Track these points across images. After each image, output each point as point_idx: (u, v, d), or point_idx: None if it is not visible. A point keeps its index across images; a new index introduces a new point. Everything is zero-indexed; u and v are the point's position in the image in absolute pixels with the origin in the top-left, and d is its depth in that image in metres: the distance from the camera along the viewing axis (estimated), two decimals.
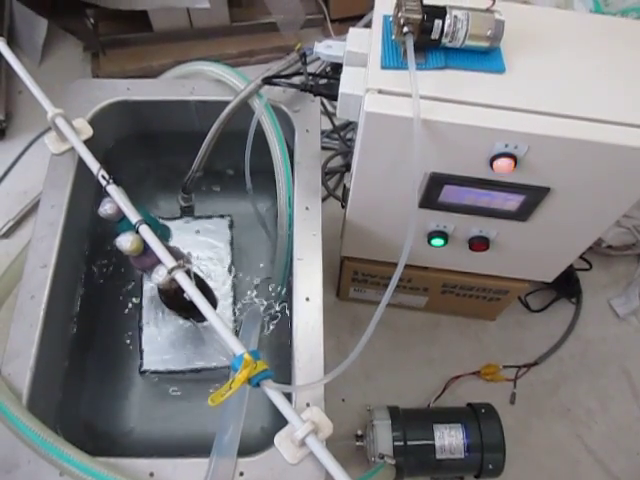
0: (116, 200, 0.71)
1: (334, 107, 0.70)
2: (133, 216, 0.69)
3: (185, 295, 0.66)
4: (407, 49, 0.59)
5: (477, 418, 0.91)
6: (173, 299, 0.74)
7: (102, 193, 0.74)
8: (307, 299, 0.72)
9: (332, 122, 1.17)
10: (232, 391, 0.58)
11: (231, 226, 0.99)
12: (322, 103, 0.91)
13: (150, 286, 0.92)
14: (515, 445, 0.94)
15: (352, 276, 1.02)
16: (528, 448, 1.02)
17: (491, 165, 0.63)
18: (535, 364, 1.09)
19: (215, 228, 0.99)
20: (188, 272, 0.67)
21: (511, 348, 1.11)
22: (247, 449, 0.64)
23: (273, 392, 0.60)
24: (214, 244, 0.97)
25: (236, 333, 0.83)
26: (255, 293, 0.96)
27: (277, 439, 0.62)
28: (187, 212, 1.01)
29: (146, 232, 0.68)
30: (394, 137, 0.63)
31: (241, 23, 1.45)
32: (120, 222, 0.74)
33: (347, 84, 0.68)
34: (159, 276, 0.67)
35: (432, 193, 0.71)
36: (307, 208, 0.78)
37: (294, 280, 0.73)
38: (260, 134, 0.83)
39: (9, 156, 1.29)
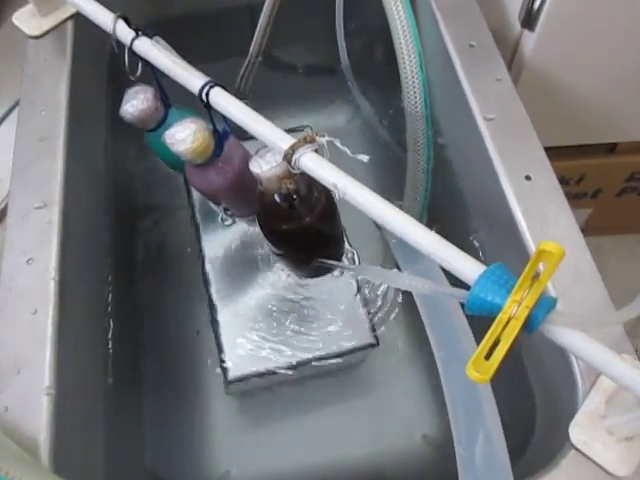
0: (153, 59, 0.39)
1: None
2: (196, 78, 0.37)
3: (305, 209, 0.34)
4: None
5: None
6: (285, 221, 0.41)
7: (121, 97, 0.42)
8: (527, 177, 0.40)
9: None
10: (506, 345, 0.26)
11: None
12: None
13: (216, 248, 0.58)
14: None
15: None
16: None
17: None
18: None
19: None
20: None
21: None
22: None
23: (576, 335, 0.28)
24: None
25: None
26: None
27: (574, 433, 0.30)
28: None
29: (220, 96, 0.36)
30: None
31: None
32: (156, 129, 0.43)
33: None
34: (266, 163, 0.34)
35: None
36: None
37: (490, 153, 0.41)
38: None
39: None
